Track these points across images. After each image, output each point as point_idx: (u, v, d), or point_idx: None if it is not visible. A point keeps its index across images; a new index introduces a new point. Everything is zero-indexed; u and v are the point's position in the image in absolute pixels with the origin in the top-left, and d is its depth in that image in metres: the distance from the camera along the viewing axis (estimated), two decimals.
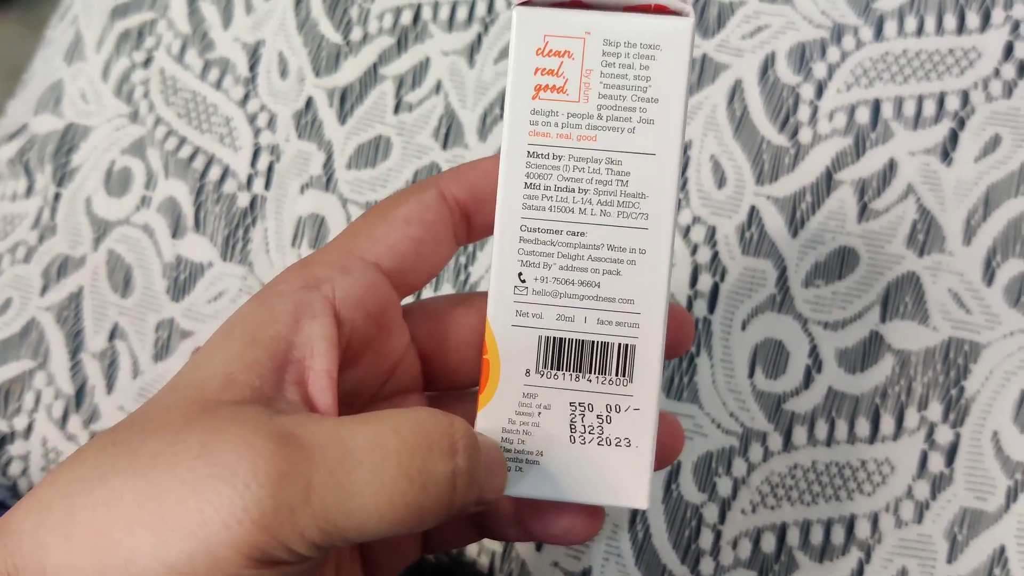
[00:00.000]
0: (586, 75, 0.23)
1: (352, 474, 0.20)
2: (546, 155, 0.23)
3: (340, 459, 0.20)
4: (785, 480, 0.35)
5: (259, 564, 0.19)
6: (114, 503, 0.19)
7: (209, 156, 0.41)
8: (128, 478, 0.19)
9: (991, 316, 0.36)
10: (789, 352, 0.36)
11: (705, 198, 0.38)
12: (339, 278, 0.23)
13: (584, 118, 0.23)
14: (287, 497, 0.19)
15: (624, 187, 0.23)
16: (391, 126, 0.40)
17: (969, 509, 0.34)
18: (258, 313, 0.23)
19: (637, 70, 0.23)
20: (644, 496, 0.24)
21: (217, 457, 0.19)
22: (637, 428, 0.23)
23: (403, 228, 0.24)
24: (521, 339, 0.23)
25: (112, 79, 0.43)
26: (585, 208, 0.23)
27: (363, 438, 0.20)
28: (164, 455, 0.20)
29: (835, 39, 0.39)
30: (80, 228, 0.41)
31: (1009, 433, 0.35)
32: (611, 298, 0.23)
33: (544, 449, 0.23)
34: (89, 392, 0.39)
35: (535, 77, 0.23)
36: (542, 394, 0.23)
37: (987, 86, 0.38)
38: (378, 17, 0.42)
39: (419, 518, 0.20)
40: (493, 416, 0.24)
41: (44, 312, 0.40)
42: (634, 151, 0.23)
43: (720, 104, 0.39)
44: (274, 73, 0.41)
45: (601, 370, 0.23)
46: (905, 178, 0.37)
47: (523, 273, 0.23)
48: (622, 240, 0.23)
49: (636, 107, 0.23)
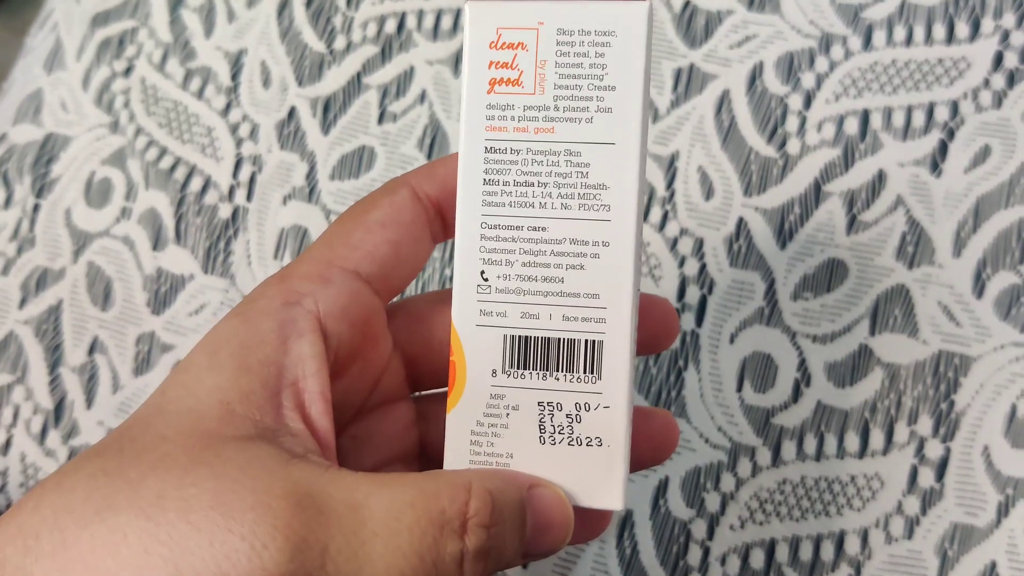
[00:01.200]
0: (541, 66, 0.22)
1: (366, 545, 0.20)
2: (504, 150, 0.23)
3: (356, 528, 0.20)
4: (774, 495, 0.35)
5: None
6: (117, 544, 0.19)
7: (190, 167, 0.40)
8: (131, 519, 0.19)
9: (981, 329, 0.35)
10: (778, 366, 0.36)
11: (693, 209, 0.37)
12: (320, 290, 0.23)
13: (541, 110, 0.22)
14: (304, 562, 0.19)
15: (584, 179, 0.22)
16: (375, 136, 0.40)
17: (960, 524, 0.34)
18: (243, 333, 0.22)
19: (592, 58, 0.22)
20: (619, 497, 0.23)
21: (233, 512, 0.19)
22: (608, 426, 0.23)
23: (380, 232, 0.24)
24: (486, 339, 0.23)
25: (92, 88, 0.42)
26: (545, 202, 0.22)
27: (379, 508, 0.20)
28: (172, 499, 0.19)
29: (823, 49, 0.38)
30: (59, 240, 0.40)
31: (1000, 447, 0.34)
32: (576, 293, 0.23)
33: (514, 451, 0.23)
34: (68, 407, 0.38)
35: (489, 71, 0.22)
36: (510, 394, 0.23)
37: (976, 96, 0.37)
38: (362, 26, 0.41)
39: None
40: (461, 419, 0.23)
41: (22, 325, 0.39)
42: (593, 141, 0.22)
43: (708, 115, 0.38)
44: (256, 82, 0.41)
45: (568, 368, 0.23)
46: (894, 189, 0.37)
47: (485, 271, 0.23)
48: (584, 233, 0.22)
49: (593, 96, 0.22)
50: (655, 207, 0.38)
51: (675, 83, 0.39)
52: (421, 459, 0.27)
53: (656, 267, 0.37)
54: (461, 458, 0.23)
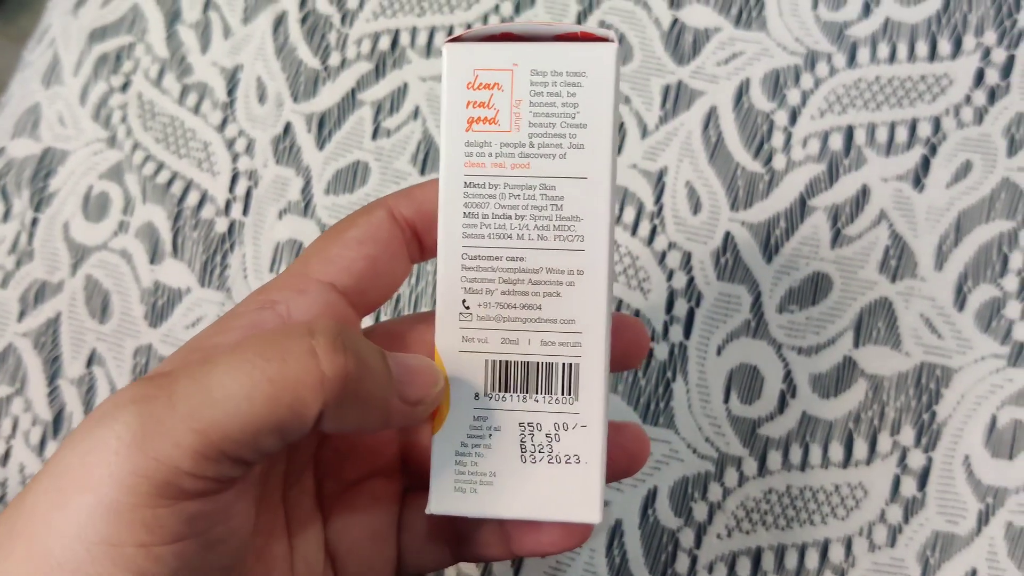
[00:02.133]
0: (516, 105, 0.23)
1: (212, 373, 0.20)
2: (482, 184, 0.24)
3: (201, 369, 0.20)
4: (760, 505, 0.35)
5: (162, 496, 0.19)
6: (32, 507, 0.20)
7: (187, 181, 0.41)
8: (38, 480, 0.20)
9: (962, 341, 0.36)
10: (764, 377, 0.36)
11: (680, 224, 0.38)
12: (295, 299, 0.24)
13: (517, 147, 0.23)
14: (154, 411, 0.19)
15: (559, 211, 0.23)
16: (369, 151, 0.40)
17: (941, 533, 0.35)
18: (211, 331, 0.23)
19: (565, 97, 0.23)
20: (596, 511, 0.24)
21: (93, 415, 0.20)
22: (586, 444, 0.24)
23: (357, 248, 0.25)
24: (469, 364, 0.24)
25: (90, 103, 0.42)
26: (523, 233, 0.24)
27: (223, 350, 0.20)
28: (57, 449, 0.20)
29: (809, 66, 0.39)
30: (58, 253, 0.41)
31: (980, 457, 0.35)
32: (553, 319, 0.24)
33: (497, 470, 0.24)
34: (67, 418, 0.39)
35: (467, 110, 0.23)
36: (492, 416, 0.24)
37: (958, 112, 0.38)
38: (356, 42, 0.42)
39: (292, 394, 0.20)
40: (446, 440, 0.24)
41: (21, 338, 0.40)
42: (566, 176, 0.23)
43: (695, 130, 0.39)
44: (252, 98, 0.42)
45: (547, 390, 0.24)
46: (878, 204, 0.38)
47: (467, 300, 0.24)
48: (560, 263, 0.24)
49: (566, 133, 0.23)
50: (644, 221, 0.38)
51: (663, 99, 0.39)
52: (402, 472, 0.28)
53: (645, 280, 0.38)
54: (447, 478, 0.24)
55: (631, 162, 0.39)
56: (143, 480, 0.19)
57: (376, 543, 0.26)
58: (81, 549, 0.19)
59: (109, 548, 0.19)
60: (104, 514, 0.19)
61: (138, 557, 0.19)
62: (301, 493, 0.25)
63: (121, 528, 0.19)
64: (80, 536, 0.19)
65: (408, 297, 0.39)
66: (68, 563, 0.19)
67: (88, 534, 0.19)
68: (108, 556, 0.19)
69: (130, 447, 0.19)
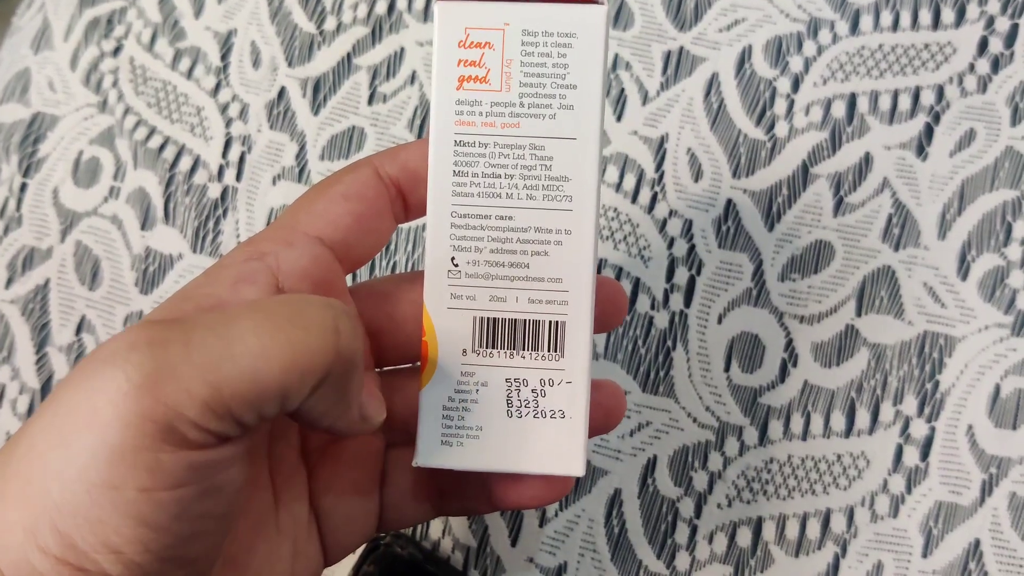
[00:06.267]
0: (507, 65, 0.24)
1: (232, 324, 0.19)
2: (472, 143, 0.24)
3: (220, 319, 0.19)
4: (761, 474, 0.35)
5: (165, 442, 0.18)
6: (29, 447, 0.19)
7: (179, 146, 0.40)
8: (36, 420, 0.19)
9: (966, 310, 0.36)
10: (765, 346, 0.36)
11: (682, 191, 0.38)
12: (283, 251, 0.24)
13: (507, 106, 0.24)
14: (168, 356, 0.18)
15: (548, 171, 0.24)
16: (365, 117, 0.40)
17: (944, 503, 0.34)
18: (201, 280, 0.23)
19: (555, 58, 0.23)
20: (580, 464, 0.24)
21: (100, 352, 0.19)
22: (570, 400, 0.24)
23: (343, 203, 0.25)
24: (457, 321, 0.24)
25: (80, 68, 0.42)
26: (512, 193, 0.24)
27: (243, 304, 0.20)
28: (59, 387, 0.19)
29: (811, 33, 0.39)
30: (47, 219, 0.40)
31: (983, 427, 0.35)
32: (540, 278, 0.24)
33: (483, 424, 0.24)
34: (56, 386, 0.38)
35: (458, 68, 0.24)
36: (479, 372, 0.24)
37: (962, 81, 0.38)
38: (352, 7, 0.41)
39: (308, 359, 0.19)
40: (433, 395, 0.24)
41: (9, 305, 0.39)
42: (556, 136, 0.24)
43: (697, 97, 0.38)
44: (246, 63, 0.41)
45: (534, 347, 0.24)
46: (881, 172, 0.37)
47: (456, 257, 0.24)
48: (548, 222, 0.24)
49: (556, 94, 0.24)
50: (644, 188, 0.38)
51: (664, 66, 0.39)
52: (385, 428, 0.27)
53: (645, 248, 0.37)
54: (434, 431, 0.24)
55: (632, 128, 0.38)
56: (150, 423, 0.18)
57: (359, 497, 0.26)
58: (81, 491, 0.18)
59: (110, 491, 0.18)
60: (108, 455, 0.18)
61: (139, 501, 0.18)
62: (286, 447, 0.25)
63: (124, 470, 0.18)
64: (81, 477, 0.18)
65: (383, 265, 0.38)
66: (66, 505, 0.18)
67: (90, 475, 0.18)
68: (109, 499, 0.18)
69: (140, 389, 0.18)
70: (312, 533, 0.26)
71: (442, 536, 0.36)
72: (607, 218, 0.38)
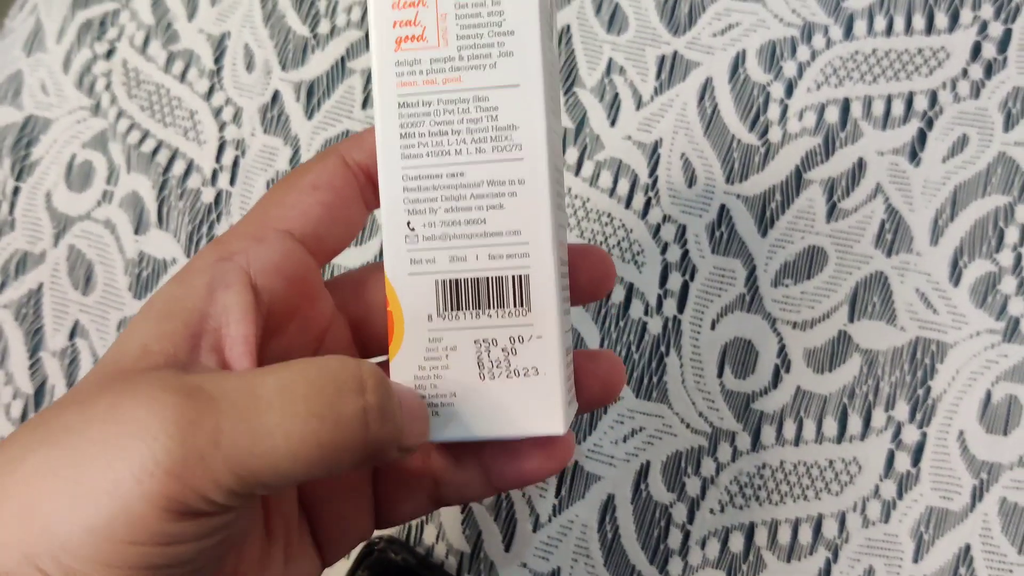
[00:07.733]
0: (442, 19, 0.23)
1: (261, 417, 0.19)
2: (416, 103, 0.23)
3: (248, 404, 0.20)
4: (753, 480, 0.35)
5: (178, 516, 0.19)
6: (34, 477, 0.19)
7: (173, 150, 0.40)
8: (46, 451, 0.19)
9: (958, 316, 0.36)
10: (758, 352, 0.36)
11: (675, 196, 0.38)
12: (253, 248, 0.24)
13: (447, 61, 0.23)
14: (197, 444, 0.19)
15: (495, 122, 0.23)
16: (359, 121, 0.40)
17: (935, 508, 0.34)
18: (175, 288, 0.23)
19: (490, 6, 0.23)
20: (559, 422, 0.23)
21: (125, 415, 0.19)
22: (543, 355, 0.23)
23: (312, 194, 0.24)
24: (419, 286, 0.24)
25: (73, 70, 0.42)
26: (460, 148, 0.23)
27: (271, 384, 0.20)
28: (76, 423, 0.19)
29: (805, 38, 0.39)
30: (40, 223, 0.40)
31: (975, 433, 0.35)
32: (498, 232, 0.23)
33: (457, 391, 0.24)
34: (49, 391, 0.38)
35: (395, 30, 0.23)
36: (447, 336, 0.24)
37: (955, 86, 0.38)
38: (346, 10, 0.41)
39: (334, 456, 0.20)
40: (403, 365, 0.24)
41: (2, 309, 0.39)
42: (499, 85, 0.23)
43: (690, 102, 0.38)
44: (240, 66, 0.41)
45: (499, 304, 0.23)
46: (874, 178, 0.37)
47: (411, 222, 0.24)
48: (500, 174, 0.23)
49: (494, 42, 0.23)
50: (638, 193, 0.38)
51: (658, 70, 0.39)
52: None
53: (639, 253, 0.37)
54: None
55: (625, 133, 0.38)
56: (174, 503, 0.19)
57: (350, 495, 0.26)
58: (90, 541, 0.18)
59: (123, 546, 0.18)
60: (126, 522, 0.18)
61: (151, 555, 0.19)
62: None
63: (139, 534, 0.18)
64: (93, 531, 0.18)
65: None
66: (72, 546, 0.18)
67: (103, 532, 0.18)
68: (119, 552, 0.18)
69: (168, 474, 0.18)
70: (304, 535, 0.26)
71: (436, 541, 0.36)
72: (600, 223, 0.38)
